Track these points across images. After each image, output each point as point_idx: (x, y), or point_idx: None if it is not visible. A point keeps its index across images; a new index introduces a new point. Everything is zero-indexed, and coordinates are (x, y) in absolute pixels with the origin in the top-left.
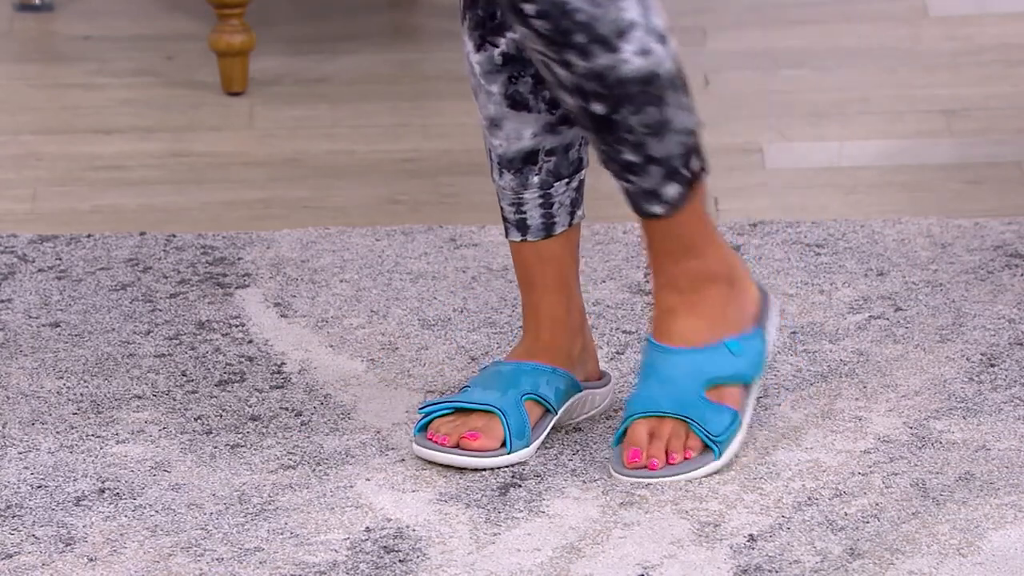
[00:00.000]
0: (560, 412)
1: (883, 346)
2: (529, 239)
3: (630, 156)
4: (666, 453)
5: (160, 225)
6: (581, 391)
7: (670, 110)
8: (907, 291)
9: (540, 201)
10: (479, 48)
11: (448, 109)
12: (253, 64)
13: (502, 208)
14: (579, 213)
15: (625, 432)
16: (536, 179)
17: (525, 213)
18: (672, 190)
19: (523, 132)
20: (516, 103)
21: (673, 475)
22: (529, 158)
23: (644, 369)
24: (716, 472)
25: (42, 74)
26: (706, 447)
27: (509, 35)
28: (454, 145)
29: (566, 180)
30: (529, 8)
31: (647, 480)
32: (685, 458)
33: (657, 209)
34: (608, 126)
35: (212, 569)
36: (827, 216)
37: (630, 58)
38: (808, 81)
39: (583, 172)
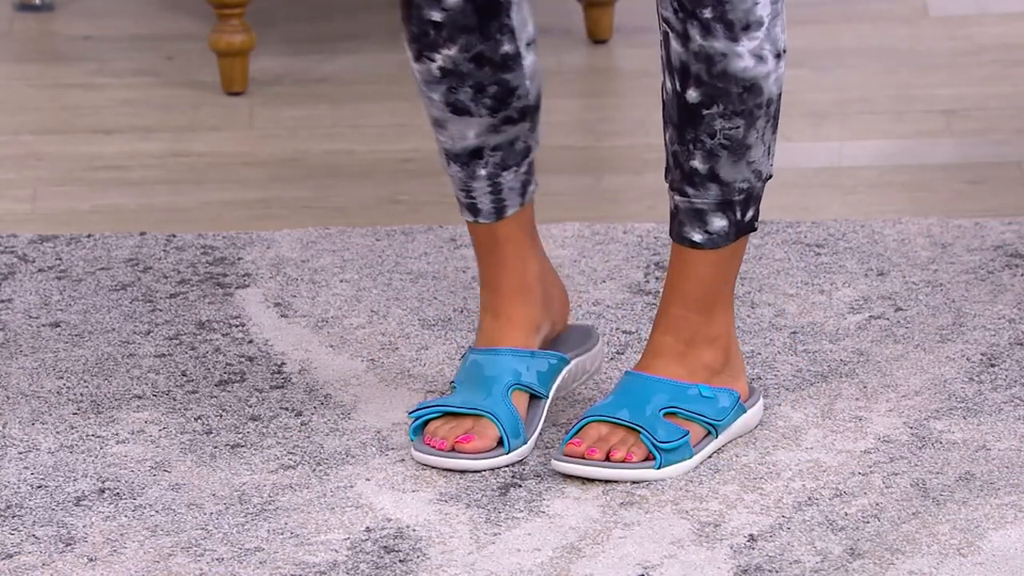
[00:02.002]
0: (552, 393)
1: (883, 346)
2: (481, 221)
3: (698, 163)
4: (607, 454)
5: (160, 225)
6: (568, 363)
7: (754, 135)
8: (907, 291)
9: (489, 190)
10: (417, 59)
11: None
12: (253, 64)
13: (455, 191)
14: (531, 190)
15: (580, 429)
16: (483, 172)
17: (475, 199)
18: (719, 223)
19: (467, 133)
20: (457, 109)
21: (607, 469)
22: (475, 154)
23: (615, 389)
24: (647, 481)
25: (42, 74)
26: (647, 458)
27: (444, 52)
28: None
29: (514, 168)
30: None
31: (580, 471)
32: (625, 459)
33: (697, 237)
34: (693, 120)
35: (212, 569)
36: (827, 216)
37: (744, 54)
38: (808, 81)
39: (532, 154)
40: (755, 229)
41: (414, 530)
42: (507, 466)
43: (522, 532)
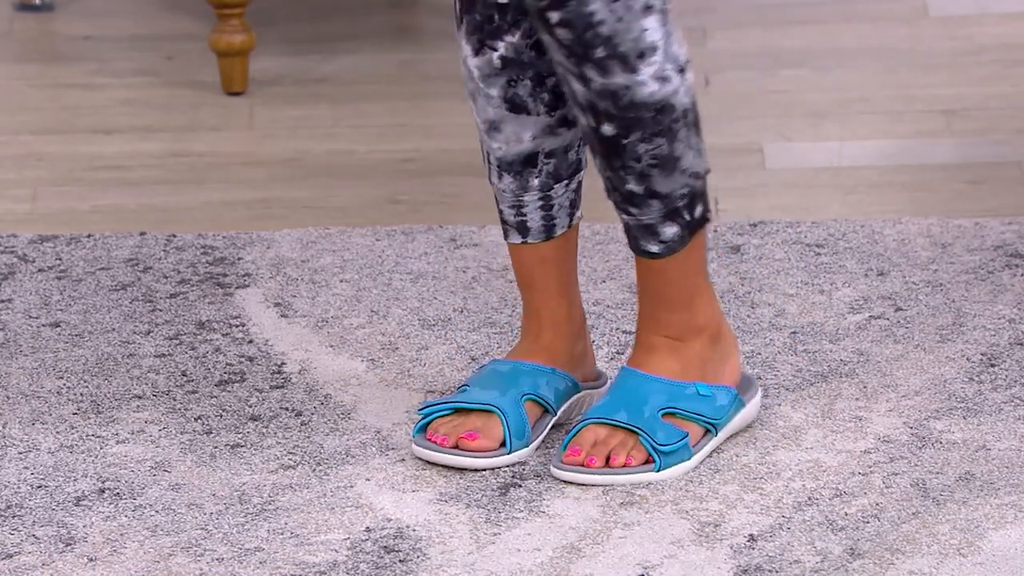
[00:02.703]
0: (559, 412)
1: (883, 346)
2: (530, 241)
3: (633, 186)
4: (607, 459)
5: (160, 225)
6: (580, 391)
7: (680, 146)
8: (907, 291)
9: (540, 203)
10: (477, 52)
11: (448, 109)
12: (253, 64)
13: (501, 211)
14: (578, 214)
15: (577, 433)
16: (536, 181)
17: (526, 216)
18: (671, 231)
19: (522, 135)
20: (515, 106)
21: (607, 475)
22: (529, 160)
23: (613, 385)
24: (649, 483)
25: (42, 74)
26: (647, 461)
27: (507, 39)
28: (454, 145)
29: (565, 182)
30: (554, 16)
31: (579, 478)
32: (625, 464)
33: (653, 248)
34: (616, 150)
35: (212, 569)
36: (827, 216)
37: (647, 81)
38: (808, 81)
39: (582, 173)
40: (709, 221)
41: (414, 530)
42: (507, 467)
43: (522, 532)
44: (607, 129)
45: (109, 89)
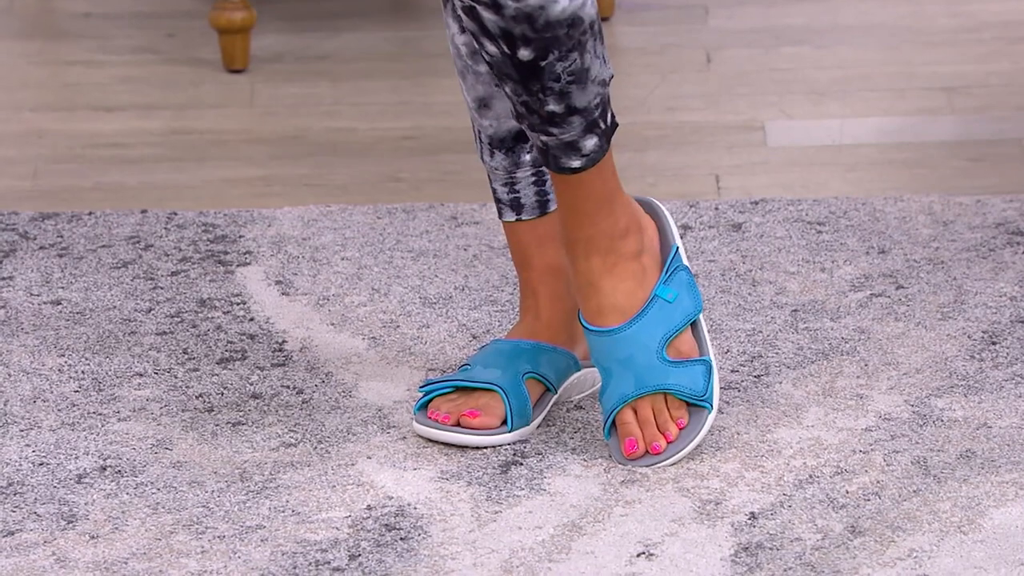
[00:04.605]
0: (560, 390)
1: (884, 324)
2: (524, 218)
3: (553, 106)
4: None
5: (161, 203)
6: (580, 369)
7: (589, 57)
8: (908, 269)
9: (533, 179)
10: (464, 29)
11: (449, 86)
12: (254, 41)
13: (494, 190)
14: None
15: (613, 424)
16: (528, 157)
17: (519, 192)
18: (591, 142)
19: None
20: None
21: (679, 451)
22: (520, 136)
23: (597, 359)
24: (716, 424)
25: (43, 51)
26: (691, 407)
27: None
28: (455, 123)
29: None
30: None
31: (659, 465)
32: (679, 427)
33: (576, 163)
34: (535, 73)
35: (213, 546)
36: (828, 194)
37: None
38: (809, 58)
39: None
40: (617, 125)
41: (415, 508)
42: (509, 444)
43: (523, 510)
44: (524, 54)
45: (110, 66)
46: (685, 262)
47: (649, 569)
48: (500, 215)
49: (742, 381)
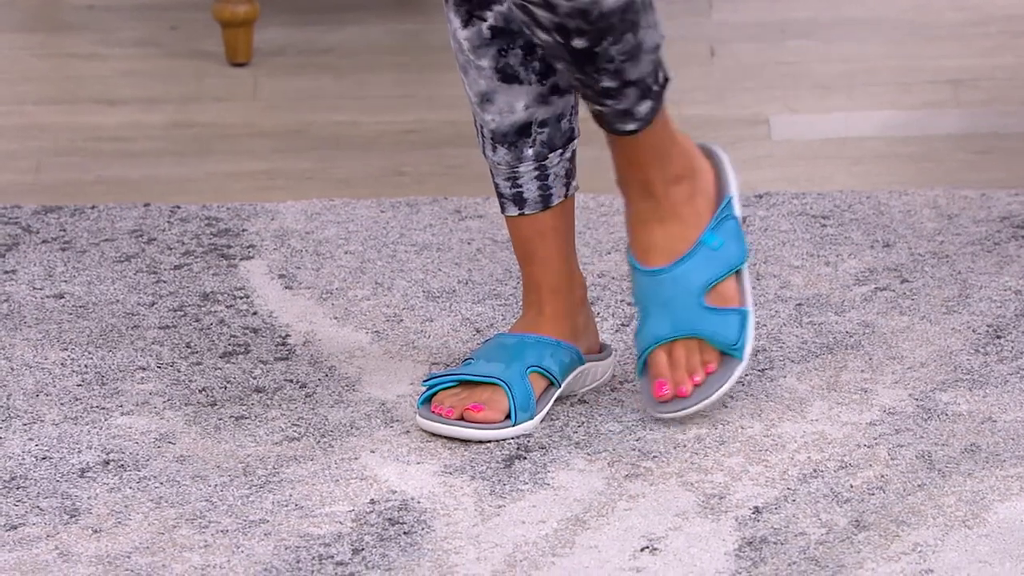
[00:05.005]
0: (563, 385)
1: (889, 318)
2: (527, 213)
3: (608, 83)
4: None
5: (164, 196)
6: (584, 363)
7: (643, 31)
8: (913, 262)
9: (536, 174)
10: (466, 23)
11: (453, 80)
12: (257, 34)
13: (497, 184)
14: (574, 184)
15: (646, 364)
16: (530, 151)
17: (521, 187)
18: (645, 107)
19: (515, 105)
20: (507, 76)
21: (705, 398)
22: (522, 131)
23: (639, 298)
24: (745, 372)
25: (45, 44)
26: (722, 355)
27: (495, 7)
28: (459, 116)
29: (560, 150)
30: None
31: (682, 415)
32: (708, 372)
33: (631, 126)
34: (590, 58)
35: (216, 541)
36: (833, 187)
37: None
38: (814, 52)
39: (575, 142)
40: (670, 79)
41: (419, 502)
42: (512, 439)
43: (527, 504)
44: (579, 43)
45: (112, 59)
46: (738, 212)
47: (653, 563)
48: (503, 210)
49: (746, 375)
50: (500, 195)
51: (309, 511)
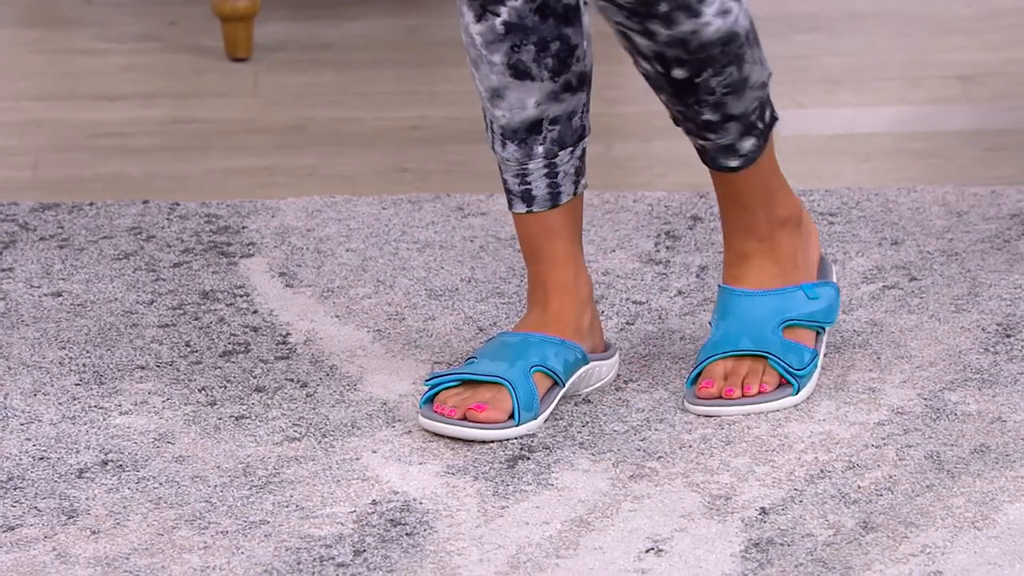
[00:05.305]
0: (568, 384)
1: (897, 316)
2: (535, 210)
3: (709, 116)
4: (742, 387)
5: (163, 193)
6: (588, 362)
7: (747, 67)
8: (922, 260)
9: (545, 171)
10: (479, 18)
11: (456, 76)
12: (258, 29)
13: (505, 180)
14: (583, 182)
15: (700, 373)
16: (541, 149)
17: (530, 184)
18: (748, 144)
19: (526, 102)
20: (519, 72)
21: (747, 405)
22: (533, 128)
23: (719, 312)
24: (793, 407)
25: (43, 39)
26: (781, 384)
27: (509, 3)
28: (462, 112)
29: (570, 148)
30: None
31: (718, 411)
32: (761, 391)
33: (734, 163)
34: (690, 89)
35: (216, 542)
36: (841, 184)
37: (712, 20)
38: (822, 46)
39: (586, 140)
40: (777, 120)
41: (421, 503)
42: (516, 439)
43: (530, 505)
44: (678, 73)
45: (111, 55)
46: (839, 299)
47: (658, 565)
48: (510, 206)
49: None
50: (508, 191)
51: (310, 512)
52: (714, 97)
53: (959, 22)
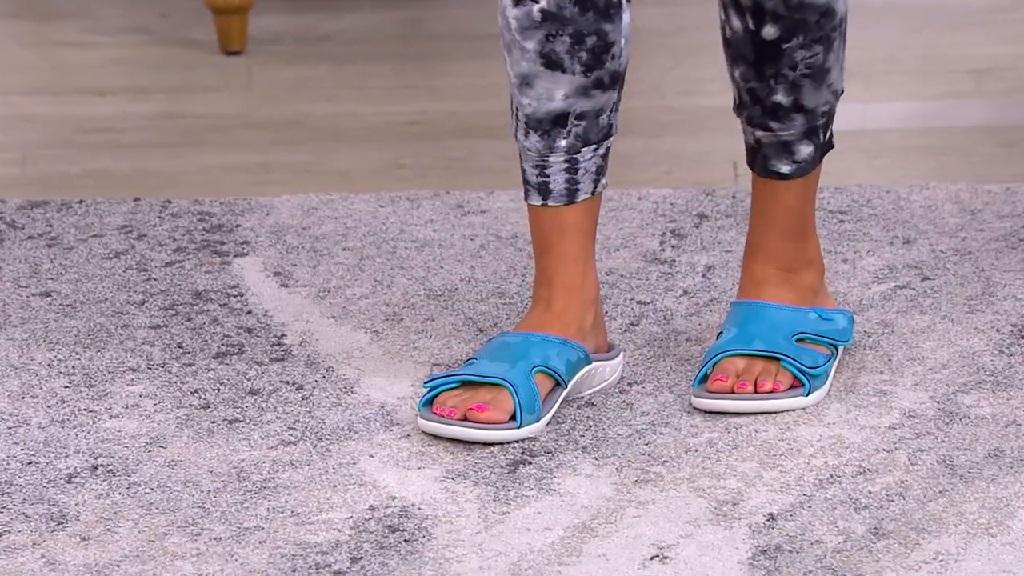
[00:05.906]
0: (570, 385)
1: (909, 317)
2: (550, 204)
3: (781, 97)
4: (755, 384)
5: (155, 190)
6: (591, 363)
7: (832, 57)
8: (934, 260)
9: (565, 166)
10: (517, 3)
11: (455, 69)
12: (252, 22)
13: (524, 170)
14: (603, 182)
15: (711, 370)
16: (564, 143)
17: (548, 177)
18: (806, 149)
19: (555, 93)
20: (551, 62)
21: (759, 401)
22: (558, 120)
23: (731, 320)
24: (801, 408)
25: (32, 32)
26: (793, 385)
27: None
28: (461, 107)
29: (594, 146)
30: None
31: (729, 406)
32: (774, 389)
33: (785, 168)
34: (773, 56)
35: (209, 549)
36: (851, 181)
37: None
38: None
39: (611, 139)
40: (833, 146)
41: (420, 508)
42: (517, 442)
43: (532, 511)
44: (769, 31)
45: (101, 48)
46: (851, 330)
47: (663, 572)
48: (526, 196)
49: None
50: (526, 181)
51: (305, 518)
52: (794, 74)
53: (972, 15)
